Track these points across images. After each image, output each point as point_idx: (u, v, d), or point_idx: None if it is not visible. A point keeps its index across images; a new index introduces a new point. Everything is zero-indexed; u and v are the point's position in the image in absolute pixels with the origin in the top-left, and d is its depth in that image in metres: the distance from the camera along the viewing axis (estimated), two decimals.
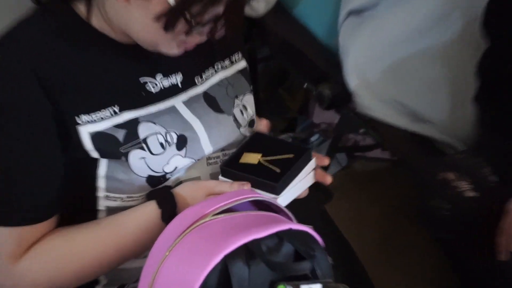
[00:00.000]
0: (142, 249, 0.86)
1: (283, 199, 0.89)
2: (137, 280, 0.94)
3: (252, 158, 0.92)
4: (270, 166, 0.90)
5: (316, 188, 2.28)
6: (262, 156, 0.92)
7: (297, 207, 0.89)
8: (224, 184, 0.88)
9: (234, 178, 0.88)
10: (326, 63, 1.79)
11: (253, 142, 0.96)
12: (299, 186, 0.93)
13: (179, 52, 0.87)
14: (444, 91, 1.44)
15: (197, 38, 0.84)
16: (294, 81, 2.63)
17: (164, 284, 0.69)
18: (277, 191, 0.87)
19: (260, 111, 2.59)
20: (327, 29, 1.80)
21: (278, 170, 0.89)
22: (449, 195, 1.15)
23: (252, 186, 0.86)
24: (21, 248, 0.84)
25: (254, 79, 1.12)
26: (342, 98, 1.74)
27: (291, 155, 0.92)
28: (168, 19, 0.78)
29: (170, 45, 0.84)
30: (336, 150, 2.34)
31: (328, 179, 0.97)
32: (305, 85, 1.92)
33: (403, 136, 1.55)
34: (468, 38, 1.35)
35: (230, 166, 0.90)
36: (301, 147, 0.95)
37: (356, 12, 1.63)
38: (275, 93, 2.70)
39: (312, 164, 0.94)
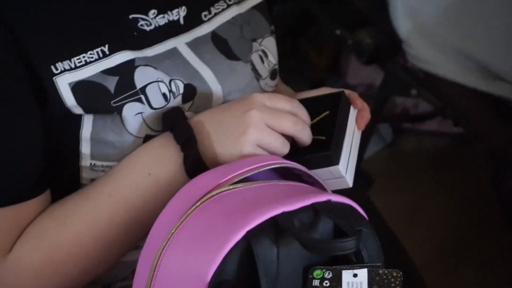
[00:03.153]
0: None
1: (345, 165, 0.93)
2: (126, 278, 1.01)
3: None
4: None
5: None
6: None
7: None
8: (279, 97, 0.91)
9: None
10: (367, 3, 1.84)
11: None
12: (354, 142, 0.98)
13: None
14: None
15: None
16: (322, 28, 2.66)
17: (167, 275, 0.74)
18: (334, 159, 0.91)
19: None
20: None
21: (323, 138, 0.93)
22: None
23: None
24: (11, 235, 0.89)
25: None
26: (388, 48, 1.79)
27: (327, 112, 0.97)
28: None
29: None
30: (379, 120, 2.38)
31: (366, 115, 1.01)
32: (338, 32, 1.96)
33: (471, 98, 1.60)
34: None
35: None
36: (333, 94, 1.00)
37: None
38: (296, 45, 2.74)
39: (353, 112, 1.00)
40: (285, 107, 0.91)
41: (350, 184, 0.94)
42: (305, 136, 0.90)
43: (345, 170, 0.93)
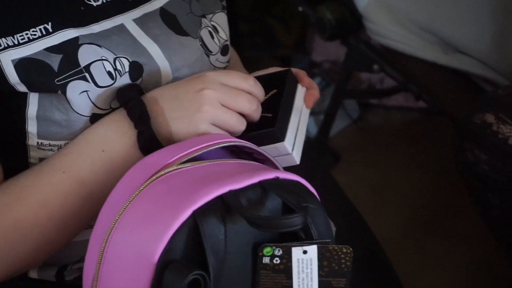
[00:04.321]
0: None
1: (291, 141, 0.94)
2: (81, 259, 1.01)
3: None
4: None
5: (317, 147, 2.34)
6: None
7: (290, 170, 0.94)
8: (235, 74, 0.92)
9: None
10: None
11: None
12: (302, 119, 0.99)
13: None
14: (487, 9, 1.49)
15: None
16: (287, 6, 2.66)
17: (116, 255, 0.74)
18: (279, 135, 0.92)
19: (242, 47, 2.64)
20: None
21: (269, 115, 0.94)
22: (488, 143, 1.21)
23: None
24: None
25: (230, 4, 1.15)
26: (350, 24, 1.79)
27: (274, 90, 0.97)
28: None
29: None
30: (344, 96, 2.39)
31: (314, 93, 1.02)
32: (300, 8, 1.96)
33: (431, 72, 1.60)
34: None
35: None
36: (280, 73, 1.01)
37: None
38: (262, 23, 2.73)
39: (300, 90, 1.00)
40: (241, 85, 0.91)
41: (298, 161, 0.95)
42: (257, 115, 0.92)
43: (291, 146, 0.94)
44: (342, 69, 2.07)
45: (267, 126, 0.92)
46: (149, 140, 0.88)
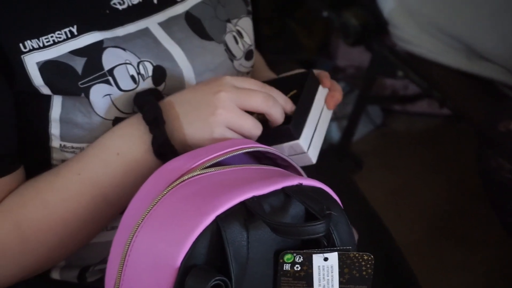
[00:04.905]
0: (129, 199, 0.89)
1: (307, 140, 0.94)
2: (103, 260, 1.01)
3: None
4: None
5: (339, 153, 2.34)
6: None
7: (313, 177, 0.94)
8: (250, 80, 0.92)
9: None
10: None
11: None
12: (322, 120, 0.99)
13: None
14: (509, 18, 1.49)
15: None
16: (310, 9, 2.65)
17: (138, 260, 0.74)
18: (294, 133, 0.92)
19: (264, 51, 2.64)
20: None
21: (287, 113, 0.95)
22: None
23: (266, 144, 0.89)
24: None
25: (253, 7, 1.15)
26: (374, 29, 1.79)
27: (294, 91, 0.97)
28: None
29: None
30: (368, 102, 2.38)
31: (336, 95, 1.02)
32: (325, 14, 1.96)
33: (454, 79, 1.60)
34: None
35: None
36: (301, 74, 1.01)
37: None
38: (285, 27, 2.74)
39: (322, 91, 1.00)
40: (255, 87, 0.92)
41: (314, 161, 0.95)
42: (276, 113, 0.91)
43: (307, 146, 0.94)
44: (366, 75, 2.07)
45: (283, 123, 0.92)
46: (163, 144, 0.89)
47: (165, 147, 0.88)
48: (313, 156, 0.95)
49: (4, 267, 0.91)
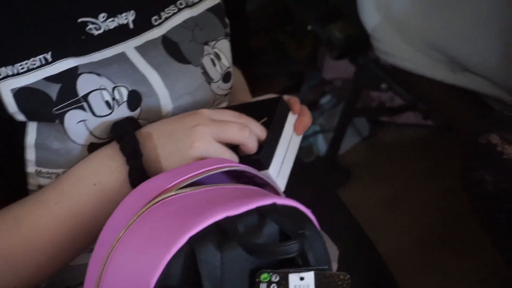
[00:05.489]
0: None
1: (276, 169, 0.94)
2: (82, 282, 1.01)
3: None
4: None
5: (326, 165, 2.34)
6: None
7: (297, 190, 0.94)
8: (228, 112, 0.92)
9: None
10: None
11: None
12: (291, 146, 0.99)
13: None
14: (496, 29, 1.49)
15: None
16: (299, 23, 2.66)
17: (114, 279, 0.74)
18: (264, 164, 0.93)
19: (254, 64, 2.64)
20: None
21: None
22: (493, 164, 1.20)
23: None
24: None
25: (243, 21, 1.16)
26: (359, 42, 1.79)
27: (265, 118, 0.97)
28: None
29: None
30: (354, 114, 2.39)
31: (305, 120, 1.02)
32: (309, 27, 1.97)
33: (439, 91, 1.60)
34: None
35: None
36: (271, 100, 1.01)
37: None
38: (274, 40, 2.74)
39: (291, 117, 1.00)
40: (232, 119, 0.92)
41: (282, 189, 0.95)
42: (251, 143, 0.92)
43: (276, 174, 0.94)
44: (351, 87, 2.08)
45: (253, 154, 0.92)
46: (140, 177, 0.88)
47: (142, 180, 0.87)
48: (281, 184, 0.95)
49: None
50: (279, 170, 0.95)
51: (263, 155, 0.92)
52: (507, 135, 1.22)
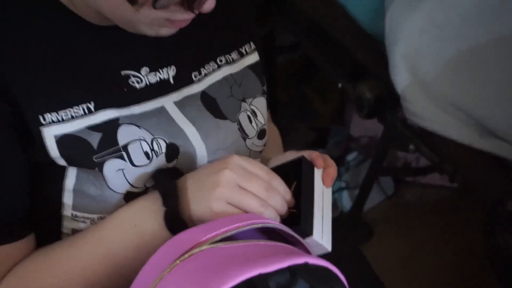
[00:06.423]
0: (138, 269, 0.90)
1: (319, 232, 0.95)
2: None
3: None
4: None
5: (350, 222, 2.34)
6: None
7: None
8: (257, 164, 0.94)
9: None
10: (368, 55, 1.85)
11: None
12: (325, 201, 1.00)
13: (169, 31, 0.93)
14: None
15: (183, 13, 0.89)
16: (326, 78, 2.68)
17: None
18: (308, 231, 0.94)
19: (280, 116, 2.67)
20: (370, 9, 1.86)
21: (294, 210, 0.96)
22: None
23: None
24: None
25: (272, 75, 1.17)
26: (388, 102, 1.80)
27: (294, 183, 0.98)
28: None
29: (150, 24, 0.90)
30: (380, 173, 2.39)
31: (331, 172, 1.02)
32: (340, 85, 1.98)
33: (465, 155, 1.60)
34: None
35: None
36: (294, 161, 1.01)
37: None
38: (300, 94, 2.76)
39: (317, 172, 1.01)
40: (259, 173, 0.93)
41: (329, 249, 0.95)
42: (277, 204, 0.92)
43: (320, 237, 0.95)
44: (378, 146, 2.08)
45: (294, 224, 0.93)
46: (174, 219, 0.91)
47: (176, 222, 0.90)
48: (327, 244, 0.96)
49: None
50: (322, 230, 0.95)
51: (303, 223, 0.93)
52: None
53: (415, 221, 2.43)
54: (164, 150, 0.96)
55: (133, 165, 0.94)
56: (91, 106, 0.93)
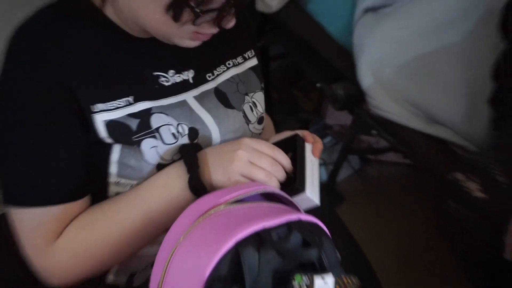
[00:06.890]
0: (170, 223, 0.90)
1: (310, 190, 0.95)
2: (146, 267, 1.02)
3: None
4: None
5: (326, 190, 2.32)
6: None
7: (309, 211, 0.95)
8: (264, 143, 0.94)
9: None
10: (341, 62, 1.84)
11: None
12: (315, 168, 1.00)
13: (194, 43, 0.93)
14: (460, 93, 1.49)
15: (210, 28, 0.89)
16: (309, 80, 2.67)
17: (176, 271, 0.75)
18: (301, 188, 0.94)
19: (273, 112, 2.64)
20: (342, 27, 1.85)
21: (290, 175, 0.97)
22: (458, 195, 1.21)
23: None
24: (59, 229, 0.92)
25: (266, 78, 1.18)
26: (356, 98, 1.79)
27: (290, 154, 0.98)
28: (175, 9, 0.83)
29: (182, 36, 0.90)
30: (349, 152, 2.38)
31: (318, 146, 1.03)
32: (318, 85, 1.97)
33: (416, 138, 1.60)
34: (485, 38, 1.41)
35: None
36: (290, 138, 1.02)
37: (373, 9, 1.68)
38: (289, 93, 2.75)
39: (308, 146, 1.01)
40: (267, 151, 0.94)
41: (318, 203, 0.96)
42: (278, 174, 0.94)
43: (311, 193, 0.95)
44: (349, 132, 2.08)
45: (291, 184, 0.94)
46: (196, 184, 0.91)
47: (198, 186, 0.90)
48: (316, 199, 0.96)
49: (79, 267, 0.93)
50: (312, 189, 0.96)
51: (298, 183, 0.94)
52: (469, 174, 1.23)
53: (377, 191, 2.42)
54: (187, 132, 0.96)
55: (164, 143, 0.94)
56: (131, 99, 0.93)
